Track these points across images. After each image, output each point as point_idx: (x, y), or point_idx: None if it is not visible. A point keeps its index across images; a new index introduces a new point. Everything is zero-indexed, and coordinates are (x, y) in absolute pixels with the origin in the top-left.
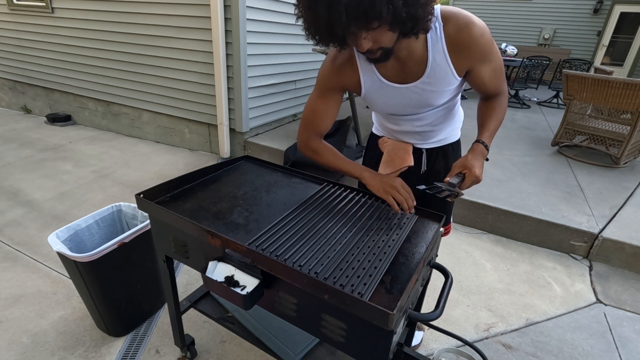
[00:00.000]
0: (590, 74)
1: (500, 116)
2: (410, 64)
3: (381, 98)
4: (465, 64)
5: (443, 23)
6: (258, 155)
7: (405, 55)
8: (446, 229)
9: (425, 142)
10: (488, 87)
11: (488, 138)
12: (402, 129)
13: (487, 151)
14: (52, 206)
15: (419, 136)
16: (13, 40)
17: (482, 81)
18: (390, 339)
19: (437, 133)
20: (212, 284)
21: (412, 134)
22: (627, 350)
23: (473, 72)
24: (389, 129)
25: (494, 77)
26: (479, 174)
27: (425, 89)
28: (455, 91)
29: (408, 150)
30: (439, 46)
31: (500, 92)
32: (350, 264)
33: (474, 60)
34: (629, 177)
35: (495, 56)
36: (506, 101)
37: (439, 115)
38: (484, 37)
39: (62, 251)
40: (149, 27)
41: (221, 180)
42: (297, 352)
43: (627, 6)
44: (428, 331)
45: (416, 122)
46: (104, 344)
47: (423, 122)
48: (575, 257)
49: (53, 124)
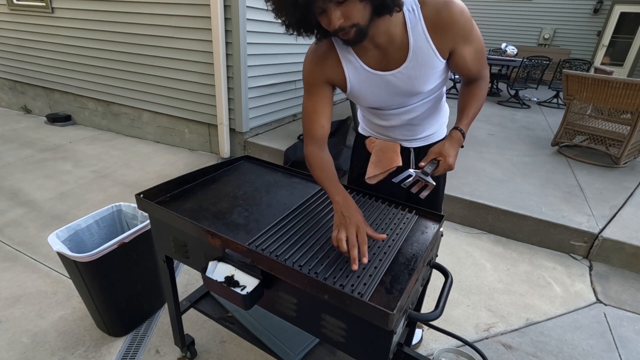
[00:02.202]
0: (590, 74)
1: (480, 102)
2: (392, 50)
3: (367, 89)
4: (447, 45)
5: (420, 5)
6: (258, 155)
7: (385, 41)
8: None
9: (414, 139)
10: (471, 69)
11: (466, 125)
12: (391, 123)
13: (464, 138)
14: (52, 206)
15: (408, 132)
16: (13, 40)
17: (464, 62)
18: (390, 339)
19: (426, 127)
20: (212, 284)
21: (401, 130)
22: (627, 350)
23: (455, 54)
24: (377, 126)
25: (475, 58)
26: (452, 162)
27: (410, 75)
28: (442, 75)
29: (396, 150)
30: (418, 28)
31: (482, 76)
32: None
33: (456, 40)
34: (629, 177)
35: (476, 36)
36: (486, 86)
37: (427, 108)
38: (463, 15)
39: (62, 251)
40: (149, 27)
41: (221, 180)
42: (297, 352)
43: (627, 6)
44: (428, 331)
45: (404, 116)
46: (104, 344)
47: (411, 115)
48: (575, 257)
49: (53, 124)
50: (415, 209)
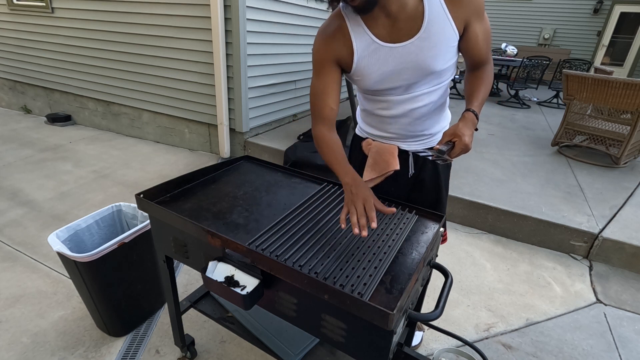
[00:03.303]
0: (590, 74)
1: (488, 85)
2: (404, 19)
3: (374, 64)
4: (463, 15)
5: None
6: (258, 155)
7: (397, 9)
8: (443, 235)
9: (413, 141)
10: (482, 48)
11: (478, 107)
12: (392, 113)
13: (477, 120)
14: (52, 206)
15: (409, 126)
16: (13, 40)
17: (477, 40)
18: (390, 339)
19: (426, 126)
20: (212, 284)
21: (402, 123)
22: (627, 350)
23: (469, 30)
24: (376, 119)
25: (485, 39)
26: (468, 142)
27: (422, 47)
28: (453, 57)
29: (393, 153)
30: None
31: (489, 59)
32: (350, 264)
33: (471, 12)
34: (629, 177)
35: (486, 17)
36: (492, 70)
37: (431, 101)
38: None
39: (62, 251)
40: (149, 27)
41: (221, 180)
42: (297, 352)
43: (627, 6)
44: (428, 331)
45: (407, 105)
46: (104, 344)
47: (414, 105)
48: (575, 257)
49: (53, 124)
50: (416, 209)
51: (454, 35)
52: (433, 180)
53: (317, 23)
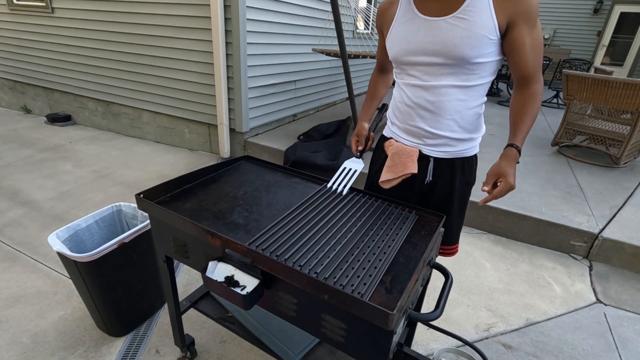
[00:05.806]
0: (590, 74)
1: (535, 113)
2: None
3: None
4: (507, 10)
5: None
6: (258, 155)
7: None
8: (452, 248)
9: (434, 144)
10: (527, 59)
11: (520, 141)
12: (411, 95)
13: (520, 154)
14: (52, 206)
15: (430, 120)
16: (13, 40)
17: (522, 47)
18: (390, 339)
19: (450, 124)
20: (212, 284)
21: (427, 117)
22: (627, 350)
23: (514, 31)
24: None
25: (534, 51)
26: (513, 182)
27: (455, 26)
28: (488, 53)
29: (412, 156)
30: None
31: (538, 78)
32: (350, 264)
33: (518, 13)
34: (629, 177)
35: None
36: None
37: (456, 96)
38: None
39: (62, 251)
40: (149, 27)
41: (221, 180)
42: (297, 352)
43: (627, 6)
44: (428, 331)
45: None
46: (104, 344)
47: (442, 98)
48: (575, 257)
49: (53, 124)
50: (416, 209)
51: (493, 27)
52: (445, 190)
53: (317, 23)
